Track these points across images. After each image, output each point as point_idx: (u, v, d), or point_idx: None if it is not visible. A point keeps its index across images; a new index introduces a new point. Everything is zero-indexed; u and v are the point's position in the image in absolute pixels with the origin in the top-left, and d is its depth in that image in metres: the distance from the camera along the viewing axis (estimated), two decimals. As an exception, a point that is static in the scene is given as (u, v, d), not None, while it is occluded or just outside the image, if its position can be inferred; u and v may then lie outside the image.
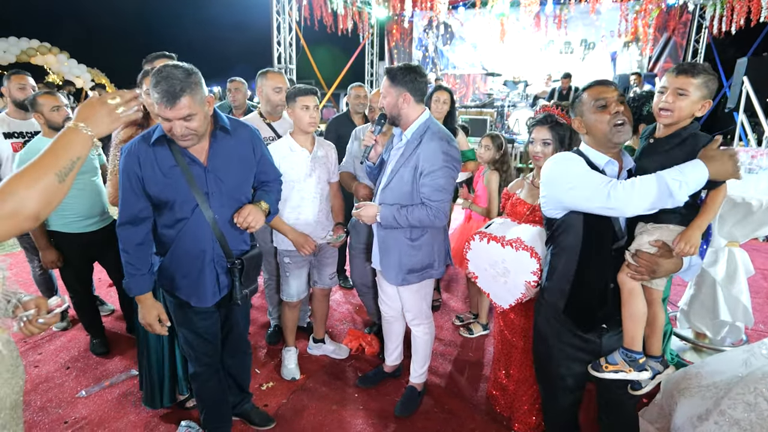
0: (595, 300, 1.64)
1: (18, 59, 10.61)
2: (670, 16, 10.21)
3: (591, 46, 11.12)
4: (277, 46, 8.97)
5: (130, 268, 1.76)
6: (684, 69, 1.47)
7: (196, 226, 1.76)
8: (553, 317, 1.73)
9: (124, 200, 1.72)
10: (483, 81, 11.90)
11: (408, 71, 2.07)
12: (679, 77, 1.47)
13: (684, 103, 1.46)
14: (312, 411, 2.45)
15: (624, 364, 1.60)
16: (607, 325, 1.65)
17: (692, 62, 1.51)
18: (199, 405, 2.13)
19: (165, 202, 1.72)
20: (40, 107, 2.55)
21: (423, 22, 12.34)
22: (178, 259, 1.81)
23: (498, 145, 2.96)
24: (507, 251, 1.94)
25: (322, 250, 2.65)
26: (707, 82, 1.45)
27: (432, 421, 2.40)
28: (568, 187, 1.55)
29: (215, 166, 1.76)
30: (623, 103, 1.53)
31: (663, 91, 1.50)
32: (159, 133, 1.69)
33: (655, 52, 10.55)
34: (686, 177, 1.39)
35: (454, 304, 3.75)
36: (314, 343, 2.95)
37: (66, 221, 2.63)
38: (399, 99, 2.09)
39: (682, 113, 1.47)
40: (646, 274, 1.51)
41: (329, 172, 2.59)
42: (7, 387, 1.13)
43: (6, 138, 2.92)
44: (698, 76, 1.44)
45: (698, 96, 1.45)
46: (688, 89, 1.45)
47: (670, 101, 1.47)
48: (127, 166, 1.69)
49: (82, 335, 3.07)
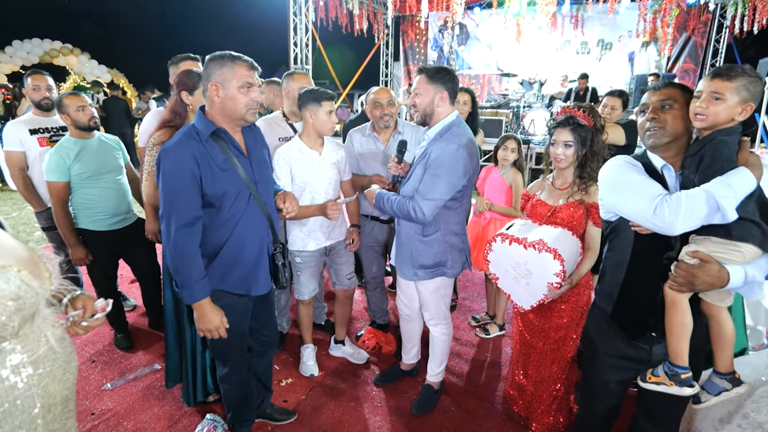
0: (643, 308, 1.61)
1: (41, 60, 10.85)
2: (690, 15, 10.05)
3: (608, 46, 11.00)
4: (293, 47, 9.06)
5: (192, 273, 1.68)
6: (719, 72, 1.42)
7: (253, 215, 1.82)
8: (603, 321, 1.72)
9: (183, 202, 1.64)
10: (498, 81, 11.86)
11: (447, 71, 2.12)
12: (714, 81, 1.41)
13: (719, 108, 1.40)
14: (330, 407, 2.49)
15: (665, 377, 1.55)
16: (657, 334, 1.60)
17: (730, 65, 1.44)
18: (227, 405, 2.14)
19: (220, 196, 1.71)
20: (66, 108, 2.60)
21: (438, 22, 12.33)
22: (234, 251, 1.80)
23: (520, 147, 3.03)
24: (530, 253, 1.95)
25: (335, 250, 2.68)
26: (747, 85, 1.39)
27: (449, 419, 2.41)
28: (618, 195, 1.55)
29: (253, 155, 1.85)
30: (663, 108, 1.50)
31: (698, 95, 1.45)
32: (210, 128, 1.69)
33: (674, 52, 10.40)
34: (736, 191, 1.32)
35: (471, 305, 3.76)
36: (335, 344, 2.98)
37: (93, 219, 2.70)
38: (436, 97, 2.11)
39: (718, 118, 1.41)
40: (684, 286, 1.44)
41: (340, 172, 2.60)
42: (59, 384, 1.14)
43: (32, 134, 2.99)
44: (735, 79, 1.39)
45: (736, 100, 1.39)
46: (724, 93, 1.39)
47: (703, 106, 1.42)
48: (182, 166, 1.63)
49: (107, 330, 3.15)
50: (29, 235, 5.38)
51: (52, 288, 1.14)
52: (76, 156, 2.61)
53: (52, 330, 1.15)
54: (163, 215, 1.67)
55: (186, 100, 2.23)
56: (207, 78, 1.67)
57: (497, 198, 3.08)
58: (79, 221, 2.70)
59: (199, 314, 1.75)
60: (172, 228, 1.65)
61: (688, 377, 1.51)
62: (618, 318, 1.66)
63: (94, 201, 2.65)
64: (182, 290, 1.70)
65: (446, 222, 2.20)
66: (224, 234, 1.77)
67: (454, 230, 2.24)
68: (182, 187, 1.64)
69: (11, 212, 6.33)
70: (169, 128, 2.22)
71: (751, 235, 1.36)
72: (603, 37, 10.98)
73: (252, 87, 1.69)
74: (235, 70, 1.65)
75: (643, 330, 1.62)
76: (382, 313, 3.19)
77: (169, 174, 1.64)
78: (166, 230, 1.67)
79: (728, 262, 1.39)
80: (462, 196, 2.19)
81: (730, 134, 1.41)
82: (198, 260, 1.71)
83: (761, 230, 1.37)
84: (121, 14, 17.67)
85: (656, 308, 1.56)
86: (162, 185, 1.65)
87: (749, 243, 1.36)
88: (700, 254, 1.41)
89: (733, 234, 1.37)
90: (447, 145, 2.07)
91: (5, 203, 6.77)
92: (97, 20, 17.18)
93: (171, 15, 19.08)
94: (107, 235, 2.73)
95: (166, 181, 1.64)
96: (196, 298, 1.71)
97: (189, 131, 1.70)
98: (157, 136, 2.22)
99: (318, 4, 9.66)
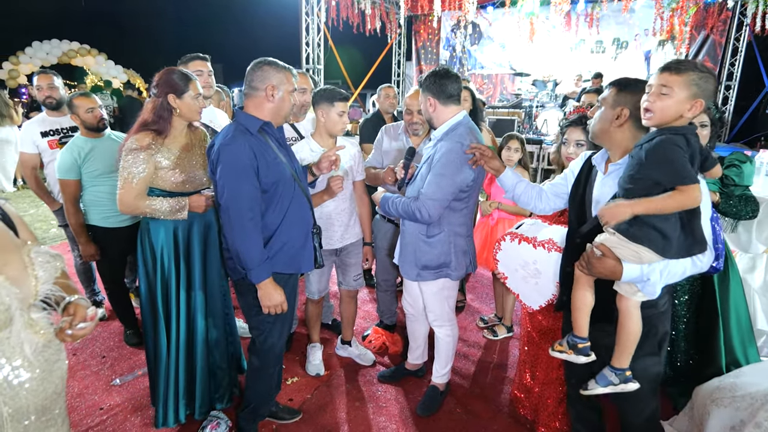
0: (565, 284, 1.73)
1: (60, 60, 11.09)
2: (709, 13, 9.83)
3: (624, 45, 10.81)
4: (305, 47, 9.08)
5: (257, 255, 1.83)
6: (668, 66, 1.36)
7: (300, 199, 2.00)
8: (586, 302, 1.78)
9: (250, 195, 1.79)
10: (511, 81, 11.73)
11: (429, 76, 2.12)
12: (662, 74, 1.36)
13: (666, 103, 1.34)
14: (335, 407, 2.49)
15: (566, 346, 1.68)
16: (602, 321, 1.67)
17: (681, 59, 1.41)
18: (249, 399, 2.16)
19: (274, 182, 1.87)
20: (76, 109, 2.65)
21: (451, 21, 12.26)
22: (287, 233, 1.95)
23: (523, 145, 2.99)
24: (539, 252, 1.93)
25: (346, 251, 2.68)
26: (697, 80, 1.32)
27: (454, 421, 2.39)
28: None
29: (286, 145, 2.03)
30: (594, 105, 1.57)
31: (648, 89, 1.39)
32: (258, 123, 1.86)
33: (692, 51, 10.18)
34: None
35: (479, 306, 3.72)
36: (341, 344, 2.98)
37: (103, 216, 2.74)
38: (426, 104, 2.14)
39: (665, 114, 1.35)
40: (584, 269, 1.53)
41: (353, 171, 2.59)
42: (32, 395, 1.13)
43: (43, 137, 3.05)
44: (684, 73, 1.32)
45: (684, 95, 1.33)
46: (672, 87, 1.33)
47: (651, 100, 1.36)
48: (243, 161, 1.77)
49: (117, 326, 3.19)
50: (45, 232, 5.49)
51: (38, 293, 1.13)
52: (87, 154, 2.65)
53: (35, 337, 1.13)
54: (229, 206, 1.78)
55: (173, 104, 1.99)
56: (263, 79, 1.84)
57: (504, 198, 3.05)
58: (90, 218, 2.75)
59: (264, 292, 1.89)
60: (241, 216, 1.79)
61: (585, 347, 1.63)
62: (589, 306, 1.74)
63: (103, 198, 2.69)
64: (250, 272, 1.84)
65: (450, 223, 2.18)
66: (278, 217, 1.92)
67: (459, 232, 2.22)
68: (245, 178, 1.78)
69: (29, 209, 6.47)
70: (148, 131, 1.98)
71: (649, 239, 1.38)
72: (618, 36, 10.79)
73: (295, 92, 1.95)
74: (287, 77, 1.88)
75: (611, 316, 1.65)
76: (391, 314, 3.18)
77: (233, 167, 1.77)
78: (231, 219, 1.79)
79: (624, 258, 1.43)
80: (467, 197, 2.16)
81: (675, 132, 1.36)
82: (261, 243, 1.86)
83: (662, 237, 1.37)
84: (136, 15, 17.94)
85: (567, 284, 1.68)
86: (225, 178, 1.77)
87: (644, 246, 1.39)
88: (602, 247, 1.47)
89: (629, 232, 1.40)
90: (452, 144, 2.05)
91: (23, 200, 6.93)
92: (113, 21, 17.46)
93: (185, 16, 19.30)
94: (116, 232, 2.76)
95: (229, 173, 1.77)
96: (262, 277, 1.86)
97: (236, 128, 1.84)
98: (136, 140, 1.95)
99: (330, 4, 9.67)
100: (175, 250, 2.11)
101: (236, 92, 6.76)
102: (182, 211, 2.04)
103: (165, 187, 2.03)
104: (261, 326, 2.04)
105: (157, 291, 2.11)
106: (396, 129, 2.83)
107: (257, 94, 1.86)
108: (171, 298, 2.12)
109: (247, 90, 1.89)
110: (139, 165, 1.95)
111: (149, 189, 2.03)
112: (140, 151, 1.95)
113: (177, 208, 2.03)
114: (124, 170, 1.97)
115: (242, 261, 1.83)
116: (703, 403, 1.95)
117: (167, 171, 2.02)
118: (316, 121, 2.45)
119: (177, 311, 2.13)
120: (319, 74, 9.42)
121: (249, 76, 1.87)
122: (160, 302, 2.12)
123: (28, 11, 14.82)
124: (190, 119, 2.08)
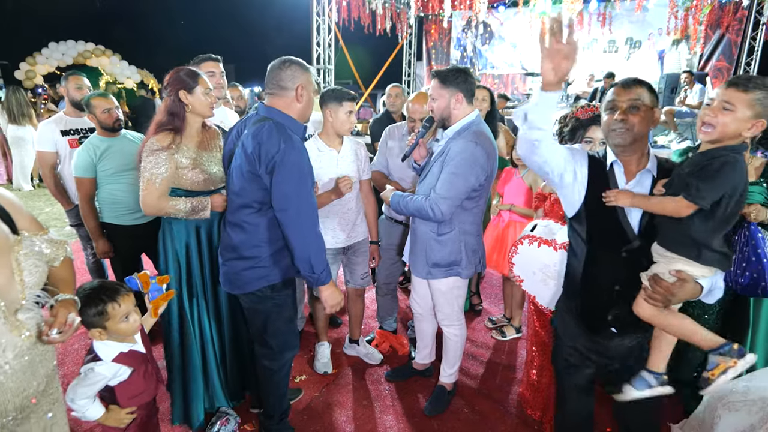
0: (602, 302, 1.60)
1: (75, 61, 11.23)
2: (724, 12, 9.67)
3: (637, 44, 10.69)
4: (316, 47, 9.12)
5: (325, 259, 1.87)
6: (735, 81, 1.31)
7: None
8: (567, 313, 1.73)
9: (311, 201, 1.82)
10: (522, 81, 11.67)
11: (460, 72, 2.10)
12: (728, 90, 1.30)
13: (728, 119, 1.29)
14: (343, 405, 2.50)
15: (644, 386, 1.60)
16: (616, 329, 1.61)
17: (749, 75, 1.34)
18: (277, 406, 2.16)
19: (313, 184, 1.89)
20: (93, 109, 2.70)
21: (462, 21, 12.23)
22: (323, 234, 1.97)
23: None
24: (560, 254, 1.93)
25: (352, 249, 2.69)
26: (763, 100, 1.27)
27: (462, 421, 2.39)
28: None
29: None
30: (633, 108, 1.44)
31: (710, 103, 1.35)
32: (302, 127, 1.90)
33: (706, 50, 10.03)
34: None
35: (488, 307, 3.71)
36: (349, 343, 2.99)
37: (117, 214, 2.78)
38: (452, 100, 2.11)
39: (726, 130, 1.30)
40: (661, 302, 1.44)
41: (359, 170, 2.60)
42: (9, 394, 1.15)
43: (63, 135, 3.12)
44: (752, 91, 1.27)
45: (748, 114, 1.28)
46: (736, 104, 1.28)
47: (712, 115, 1.32)
48: (306, 162, 1.79)
49: (129, 322, 3.23)
50: (60, 230, 5.58)
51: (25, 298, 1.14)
52: (103, 153, 2.70)
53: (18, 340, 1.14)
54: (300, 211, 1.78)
55: (185, 100, 1.99)
56: (293, 79, 1.83)
57: (517, 199, 3.04)
58: (104, 216, 2.79)
59: (329, 293, 1.94)
60: (312, 222, 1.82)
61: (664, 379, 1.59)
62: (579, 312, 1.67)
63: (118, 196, 2.73)
64: (320, 275, 1.86)
65: (462, 222, 2.18)
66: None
67: (469, 230, 2.22)
68: (309, 183, 1.80)
69: (44, 207, 6.59)
70: (167, 131, 1.99)
71: (719, 262, 1.40)
72: (632, 35, 10.67)
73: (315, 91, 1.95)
74: (310, 77, 1.88)
75: (602, 325, 1.61)
76: (392, 319, 3.16)
77: (300, 171, 1.77)
78: (303, 225, 1.79)
79: (700, 277, 1.41)
80: (478, 196, 2.17)
81: (739, 152, 1.32)
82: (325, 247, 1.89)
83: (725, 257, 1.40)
84: (150, 16, 18.16)
85: (614, 302, 1.57)
86: (294, 182, 1.75)
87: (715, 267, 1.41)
88: (683, 275, 1.40)
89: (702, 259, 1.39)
90: (465, 143, 2.06)
91: (39, 199, 7.06)
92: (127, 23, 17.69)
93: (197, 17, 19.49)
94: (130, 230, 2.80)
95: (298, 178, 1.76)
96: (330, 279, 1.91)
97: (283, 130, 1.77)
98: (157, 140, 1.96)
99: (341, 5, 9.70)
100: (198, 248, 2.13)
101: (247, 92, 6.82)
102: (204, 210, 2.03)
103: (186, 186, 2.03)
104: (279, 331, 2.02)
105: (181, 289, 2.13)
106: (400, 129, 2.83)
107: (287, 94, 1.83)
108: (197, 296, 2.15)
109: (274, 90, 1.85)
110: (161, 166, 1.94)
111: (171, 189, 2.02)
112: (162, 152, 1.94)
113: (199, 208, 2.02)
114: (146, 171, 1.95)
115: (314, 267, 1.83)
116: (714, 407, 1.93)
117: (187, 170, 2.01)
118: (324, 120, 2.47)
119: (198, 309, 2.17)
120: (330, 74, 9.45)
121: (277, 75, 1.82)
122: (186, 300, 2.14)
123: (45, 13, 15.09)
124: (202, 114, 2.07)
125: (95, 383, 1.51)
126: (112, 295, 1.50)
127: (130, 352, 1.60)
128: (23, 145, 7.40)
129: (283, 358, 2.08)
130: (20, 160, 7.53)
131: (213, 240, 2.16)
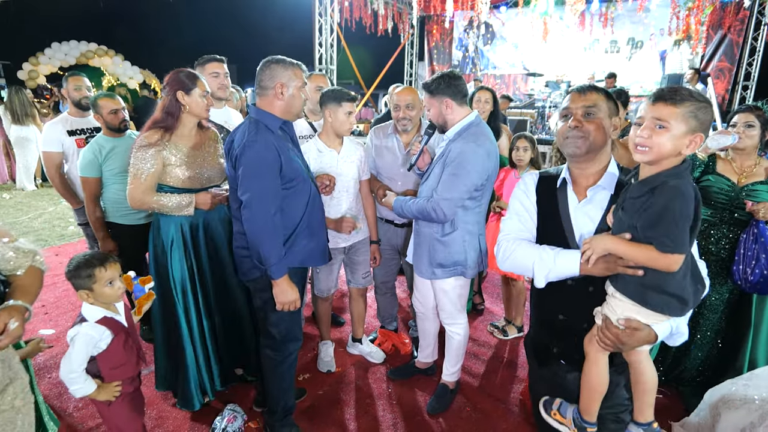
0: (547, 334, 1.54)
1: (78, 61, 11.25)
2: (726, 12, 9.68)
3: (639, 44, 10.70)
4: (318, 47, 9.14)
5: (277, 252, 1.87)
6: (662, 95, 1.17)
7: (316, 195, 2.07)
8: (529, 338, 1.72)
9: (274, 192, 1.84)
10: (524, 81, 11.70)
11: (441, 79, 2.15)
12: (656, 105, 1.18)
13: (663, 138, 1.16)
14: (347, 403, 2.52)
15: (571, 422, 1.48)
16: (565, 362, 1.52)
17: (675, 86, 1.19)
18: (280, 401, 2.16)
19: (293, 179, 1.91)
20: (100, 109, 2.73)
21: (463, 22, 12.25)
22: (308, 228, 2.02)
23: (533, 144, 2.97)
24: None
25: (353, 249, 2.71)
26: (696, 112, 1.15)
27: (464, 420, 2.41)
28: None
29: (298, 144, 2.10)
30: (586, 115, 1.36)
31: (640, 122, 1.21)
32: (278, 121, 1.92)
33: (708, 50, 10.04)
34: (557, 268, 1.35)
35: (489, 306, 3.73)
36: (352, 342, 3.01)
37: (122, 213, 2.80)
38: (442, 107, 2.16)
39: (663, 150, 1.17)
40: (610, 348, 1.34)
41: (359, 170, 2.61)
42: None
43: (70, 135, 3.14)
44: (682, 104, 1.15)
45: (683, 130, 1.15)
46: (669, 121, 1.15)
47: (645, 135, 1.18)
48: (271, 158, 1.82)
49: (134, 321, 3.26)
50: (63, 229, 5.61)
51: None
52: (108, 153, 2.72)
53: None
54: (252, 202, 1.81)
55: (182, 101, 2.08)
56: (271, 78, 1.88)
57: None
58: (109, 215, 2.82)
59: (280, 290, 1.92)
60: (265, 213, 1.82)
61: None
62: (530, 343, 1.65)
63: (123, 196, 2.72)
64: (268, 268, 1.87)
65: (464, 222, 2.20)
66: (298, 214, 1.98)
67: (472, 230, 2.24)
68: (270, 175, 1.82)
69: (48, 207, 6.62)
70: (157, 129, 2.08)
71: (669, 307, 1.26)
72: (633, 36, 10.69)
73: (305, 87, 1.98)
74: (296, 73, 1.91)
75: (549, 358, 1.55)
76: (391, 318, 3.18)
77: (258, 164, 1.81)
78: (255, 216, 1.82)
79: (654, 323, 1.29)
80: (480, 196, 2.19)
81: (680, 176, 1.18)
82: (281, 241, 1.90)
83: (679, 301, 1.25)
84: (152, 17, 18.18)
85: (559, 333, 1.51)
86: (251, 175, 1.80)
87: (665, 314, 1.27)
88: (633, 323, 1.29)
89: (649, 304, 1.26)
90: (465, 144, 2.08)
91: (42, 199, 7.09)
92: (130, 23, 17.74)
93: (200, 17, 19.53)
94: (135, 229, 2.82)
95: (255, 170, 1.80)
96: (280, 274, 1.89)
97: (257, 125, 1.86)
98: (145, 137, 2.05)
99: (343, 5, 9.74)
100: (183, 243, 2.18)
101: (249, 92, 6.85)
102: (189, 207, 2.11)
103: (173, 183, 2.11)
104: (281, 321, 2.05)
105: (170, 283, 2.17)
106: (385, 129, 2.81)
107: (267, 93, 1.91)
108: (187, 289, 2.19)
109: (258, 90, 1.94)
110: (147, 161, 2.03)
111: (158, 185, 2.10)
112: (149, 148, 2.03)
113: (184, 204, 2.10)
114: (133, 166, 2.05)
115: (263, 258, 1.85)
116: (714, 405, 1.95)
117: (175, 168, 2.09)
118: (324, 121, 2.48)
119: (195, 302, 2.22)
120: (332, 75, 9.47)
121: (258, 76, 1.92)
122: (179, 294, 2.18)
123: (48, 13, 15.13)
124: (198, 116, 2.15)
125: (84, 346, 1.61)
126: (101, 261, 1.65)
127: (113, 320, 1.70)
128: (27, 145, 7.43)
129: (286, 350, 2.11)
130: (24, 160, 7.57)
131: (200, 236, 2.21)
